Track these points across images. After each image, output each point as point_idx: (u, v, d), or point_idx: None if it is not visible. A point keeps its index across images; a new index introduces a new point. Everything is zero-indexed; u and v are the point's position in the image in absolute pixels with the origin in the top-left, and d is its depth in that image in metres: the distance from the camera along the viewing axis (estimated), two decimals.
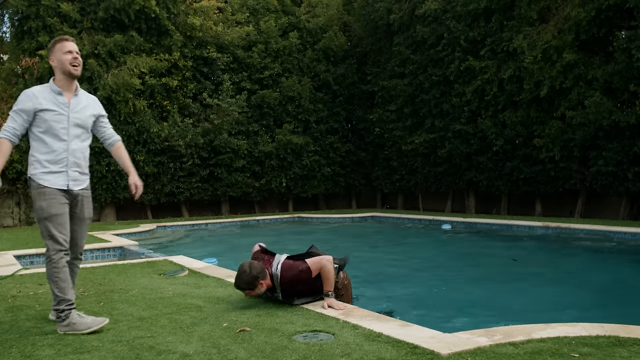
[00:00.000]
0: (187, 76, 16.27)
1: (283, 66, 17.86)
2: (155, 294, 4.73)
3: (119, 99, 14.55)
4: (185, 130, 15.72)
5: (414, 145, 16.45)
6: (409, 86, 16.69)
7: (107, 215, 15.80)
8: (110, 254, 8.66)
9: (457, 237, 11.56)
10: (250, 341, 3.25)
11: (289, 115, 17.86)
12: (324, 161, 18.41)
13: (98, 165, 14.88)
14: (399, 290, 6.37)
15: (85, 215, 3.88)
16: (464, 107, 15.01)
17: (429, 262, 8.52)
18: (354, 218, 15.66)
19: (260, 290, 4.16)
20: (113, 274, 5.84)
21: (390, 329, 3.41)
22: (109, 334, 3.48)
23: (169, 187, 16.02)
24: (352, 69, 18.90)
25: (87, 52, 14.42)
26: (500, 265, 8.04)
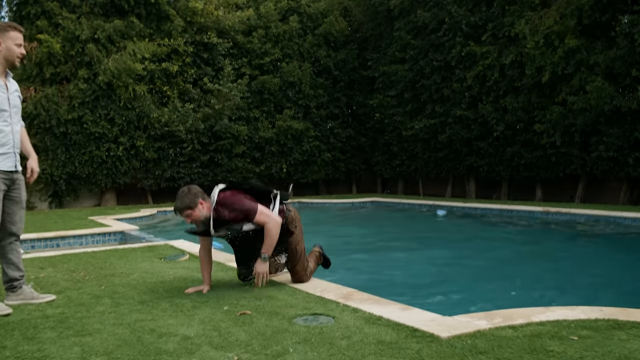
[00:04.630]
0: (187, 62, 16.19)
1: (283, 51, 17.77)
2: (156, 278, 4.74)
3: (119, 84, 14.50)
4: (186, 116, 15.68)
5: (415, 130, 16.41)
6: (410, 71, 16.62)
7: (108, 200, 15.82)
8: (111, 238, 8.68)
9: (457, 222, 11.58)
10: (250, 324, 3.26)
11: (290, 101, 17.80)
12: (324, 147, 18.37)
13: (98, 151, 14.87)
14: (399, 274, 6.39)
15: (22, 197, 3.95)
16: (464, 92, 14.95)
17: (427, 246, 8.54)
18: (355, 203, 15.68)
19: (202, 213, 3.93)
20: (114, 258, 5.86)
21: (390, 312, 3.42)
22: (110, 317, 3.49)
23: (169, 173, 16.02)
24: (353, 54, 18.80)
25: (86, 37, 14.35)
26: (498, 250, 8.06)
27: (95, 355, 2.80)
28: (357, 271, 6.58)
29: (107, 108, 14.87)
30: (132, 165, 15.56)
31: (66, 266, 5.45)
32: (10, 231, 3.90)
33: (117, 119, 14.94)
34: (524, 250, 8.00)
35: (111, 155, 15.10)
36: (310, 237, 9.30)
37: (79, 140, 14.73)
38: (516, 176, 14.59)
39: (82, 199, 15.75)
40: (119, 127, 15.06)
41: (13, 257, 3.94)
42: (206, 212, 3.98)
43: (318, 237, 9.42)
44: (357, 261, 7.32)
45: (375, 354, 2.71)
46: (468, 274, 6.38)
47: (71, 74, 14.55)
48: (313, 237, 9.33)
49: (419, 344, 2.84)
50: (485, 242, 8.76)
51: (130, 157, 15.49)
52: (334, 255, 7.69)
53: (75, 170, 14.81)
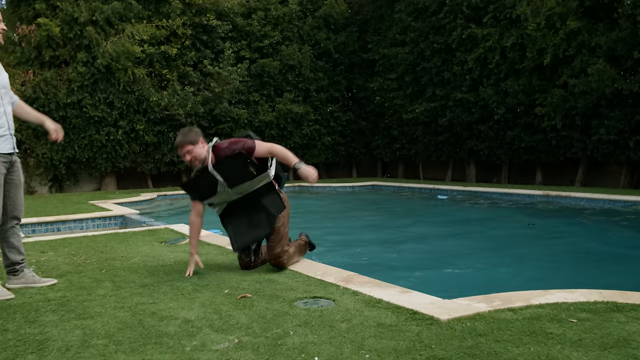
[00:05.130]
0: (186, 44, 16.10)
1: (283, 34, 17.68)
2: (157, 262, 4.76)
3: (118, 66, 14.43)
4: (185, 99, 15.63)
5: (415, 114, 16.37)
6: (410, 54, 16.54)
7: (108, 184, 15.83)
8: (112, 222, 8.69)
9: (457, 206, 11.59)
10: (251, 307, 3.28)
11: (289, 84, 17.73)
12: (325, 130, 18.34)
13: (97, 135, 14.85)
14: (399, 258, 6.41)
15: (21, 180, 3.96)
16: (465, 75, 14.90)
17: (427, 230, 8.56)
18: (355, 187, 15.68)
19: (201, 152, 4.04)
20: (115, 242, 5.87)
21: (390, 295, 3.44)
22: (111, 300, 3.51)
23: (169, 157, 16.00)
24: (353, 37, 18.69)
25: (84, 20, 14.25)
26: (499, 234, 8.08)
27: (97, 338, 2.82)
28: (357, 255, 6.61)
29: (107, 91, 14.82)
30: (132, 149, 15.55)
31: (67, 250, 5.46)
32: (13, 214, 3.91)
33: (117, 102, 14.90)
34: (524, 233, 8.02)
35: (111, 139, 15.08)
36: (310, 221, 9.37)
37: (78, 124, 14.70)
38: (516, 160, 14.58)
39: (82, 183, 15.76)
40: (118, 111, 15.03)
41: (14, 241, 3.96)
42: (204, 152, 4.08)
43: (318, 221, 9.47)
44: (358, 245, 7.34)
45: (375, 336, 2.73)
46: (468, 257, 6.40)
47: (70, 57, 14.47)
48: (313, 221, 9.41)
49: (419, 326, 2.85)
50: (486, 226, 8.78)
51: (130, 141, 15.47)
52: (334, 239, 7.76)
53: (75, 154, 14.81)
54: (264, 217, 4.19)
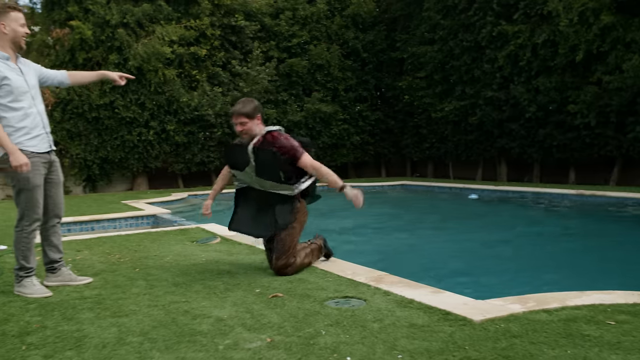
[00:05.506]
0: (215, 45, 16.24)
1: (311, 34, 17.70)
2: (189, 261, 4.81)
3: (149, 68, 14.65)
4: (215, 100, 15.77)
5: (444, 112, 16.22)
6: (439, 52, 16.39)
7: (140, 184, 16.07)
8: (144, 222, 8.79)
9: (487, 205, 11.46)
10: (282, 306, 3.29)
11: (318, 84, 17.75)
12: (353, 130, 18.30)
13: (129, 135, 15.09)
14: (430, 258, 6.37)
15: (60, 179, 4.04)
16: (495, 73, 14.70)
17: (459, 230, 8.48)
18: (384, 186, 15.61)
19: (255, 128, 4.07)
20: (147, 241, 5.94)
21: (421, 295, 3.41)
22: (145, 299, 3.56)
23: (199, 157, 16.17)
24: (381, 36, 18.61)
25: (115, 22, 14.49)
26: (531, 233, 7.96)
27: (132, 336, 2.86)
28: (387, 254, 6.58)
29: (138, 93, 15.05)
30: (163, 150, 15.75)
31: (101, 249, 5.55)
32: (54, 213, 4.00)
33: (148, 103, 15.12)
34: (557, 233, 7.88)
35: (142, 139, 15.31)
36: (340, 220, 9.37)
37: (110, 125, 14.96)
38: (549, 158, 14.33)
39: (115, 183, 16.03)
40: (149, 112, 15.25)
41: (54, 239, 4.05)
42: (258, 131, 4.09)
43: (347, 221, 9.47)
44: (387, 244, 7.32)
45: (408, 337, 2.72)
46: (500, 257, 6.32)
47: (102, 59, 14.73)
48: (342, 221, 9.40)
49: (452, 327, 2.83)
50: (517, 226, 8.65)
51: (160, 141, 15.68)
52: (363, 238, 7.75)
53: (107, 154, 15.07)
54: (268, 221, 4.15)
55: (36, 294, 3.73)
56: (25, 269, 3.80)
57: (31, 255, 3.83)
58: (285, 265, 4.10)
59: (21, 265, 3.80)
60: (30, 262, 3.81)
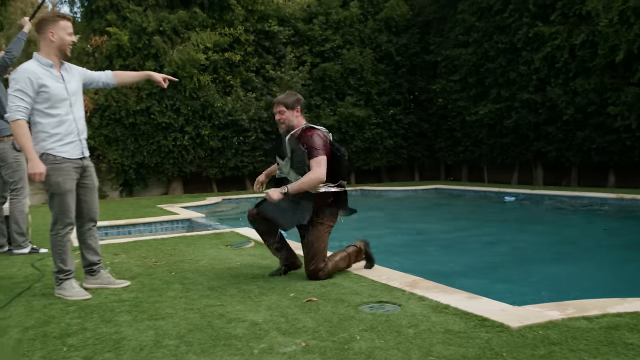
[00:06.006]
0: (249, 51, 16.39)
1: (344, 38, 17.71)
2: (224, 265, 4.86)
3: (184, 74, 14.87)
4: (249, 105, 15.91)
5: (479, 115, 16.03)
6: (474, 55, 16.22)
7: (175, 189, 16.30)
8: (179, 226, 8.88)
9: (523, 209, 11.28)
10: (317, 311, 3.30)
11: (351, 88, 17.74)
12: (386, 133, 18.23)
13: (165, 141, 15.32)
14: (465, 262, 6.29)
15: (95, 184, 4.11)
16: (532, 75, 14.45)
17: (494, 234, 8.36)
18: (417, 190, 15.51)
19: (292, 119, 4.16)
20: (182, 245, 6.02)
21: (457, 301, 3.37)
22: (181, 302, 3.61)
23: (233, 162, 16.32)
24: (415, 39, 18.50)
25: (152, 29, 14.77)
26: (569, 238, 7.79)
27: (169, 339, 2.90)
28: (422, 259, 6.53)
29: (173, 98, 15.28)
30: (198, 155, 15.95)
31: (138, 252, 5.65)
32: (89, 217, 4.09)
33: (183, 109, 15.34)
34: (596, 238, 7.70)
35: (177, 144, 15.53)
36: (372, 224, 9.35)
37: (147, 131, 15.23)
38: (587, 162, 14.01)
39: (151, 188, 16.29)
40: (184, 117, 15.47)
41: (92, 242, 4.13)
42: (295, 122, 4.19)
43: (380, 225, 9.43)
44: (422, 248, 7.27)
45: (443, 342, 2.69)
46: (537, 262, 6.21)
47: (139, 66, 15.00)
48: (374, 225, 9.38)
49: (489, 333, 2.79)
50: (555, 230, 8.49)
51: (195, 146, 15.88)
52: (397, 242, 7.71)
53: (144, 159, 15.33)
54: (290, 213, 4.11)
55: (75, 296, 3.81)
56: (64, 272, 3.89)
57: (68, 258, 3.91)
58: (316, 270, 4.09)
59: (59, 268, 3.89)
60: (67, 264, 3.90)
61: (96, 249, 4.16)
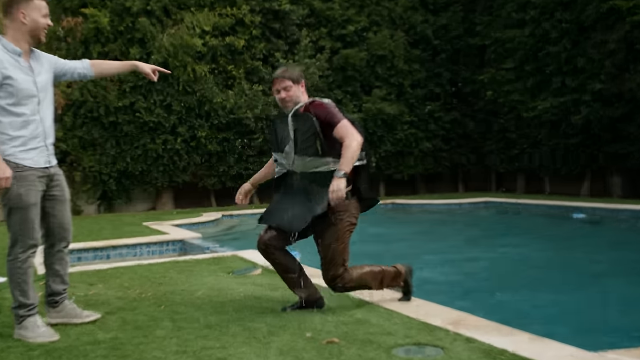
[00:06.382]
0: (255, 34, 16.46)
1: (370, 18, 17.73)
2: (224, 296, 4.83)
3: (176, 63, 14.97)
4: (255, 100, 15.95)
5: (538, 111, 15.91)
6: (531, 37, 16.13)
7: (164, 202, 16.36)
8: (170, 248, 8.84)
9: (597, 229, 11.11)
10: (340, 355, 3.24)
11: (379, 79, 17.72)
12: (423, 134, 18.17)
13: (152, 144, 15.41)
14: (523, 295, 6.20)
15: (66, 195, 4.08)
16: (604, 60, 14.31)
17: (558, 260, 8.24)
18: (463, 204, 15.40)
19: (298, 95, 4.16)
20: (174, 272, 5.99)
21: (516, 344, 3.30)
22: (172, 344, 3.57)
23: (236, 169, 16.36)
24: (457, 18, 18.46)
25: (137, 9, 14.90)
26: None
27: None
28: (468, 290, 6.45)
29: (163, 93, 15.38)
30: (193, 161, 16.01)
31: (119, 281, 5.62)
32: (60, 235, 4.05)
33: (175, 105, 15.43)
34: None
35: (168, 148, 15.61)
36: (407, 246, 9.26)
37: (131, 132, 15.33)
38: None
39: (135, 201, 16.36)
40: (177, 115, 15.55)
41: (60, 268, 4.10)
42: (301, 98, 4.19)
43: (416, 247, 9.34)
44: (468, 277, 7.19)
45: None
46: (615, 297, 6.08)
47: (121, 53, 15.12)
48: (409, 247, 9.29)
49: None
50: (636, 256, 8.34)
51: (190, 150, 15.94)
52: (437, 269, 7.62)
53: (127, 167, 15.42)
54: (303, 210, 4.07)
55: (40, 337, 3.77)
56: (26, 307, 3.83)
57: (30, 289, 3.86)
58: (333, 276, 4.07)
59: (19, 302, 3.82)
60: (29, 297, 3.85)
61: (64, 277, 4.13)
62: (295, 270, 4.27)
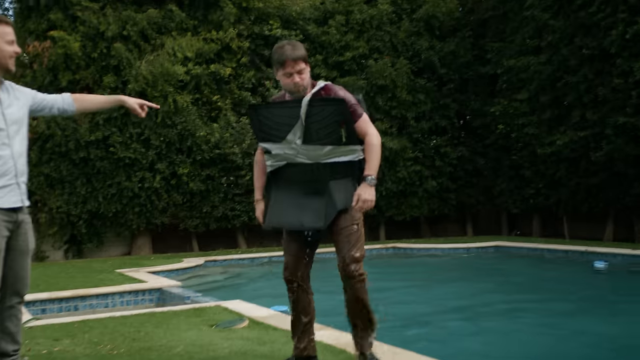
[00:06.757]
0: (242, 62, 16.54)
1: (370, 44, 17.86)
2: (207, 353, 4.76)
3: (155, 94, 14.95)
4: (242, 134, 15.95)
5: (555, 147, 15.92)
6: (548, 65, 16.22)
7: (141, 246, 16.21)
8: (146, 298, 8.81)
9: (625, 280, 11.07)
10: None
11: (379, 111, 17.75)
12: (428, 172, 18.19)
13: (128, 182, 15.32)
14: (537, 354, 6.09)
15: (30, 246, 3.95)
16: (630, 91, 14.35)
17: (580, 315, 8.14)
18: (471, 249, 15.33)
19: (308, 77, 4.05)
20: (150, 326, 5.93)
21: None
22: None
23: (221, 210, 16.26)
24: (466, 45, 18.62)
25: (112, 34, 14.93)
26: None
27: None
28: (478, 348, 6.37)
29: (141, 126, 15.32)
30: (173, 201, 15.91)
31: (87, 336, 5.53)
32: (15, 289, 3.91)
33: (154, 139, 15.36)
34: None
35: (145, 187, 15.51)
36: (408, 296, 9.13)
37: (104, 169, 15.23)
38: None
39: (108, 246, 16.21)
40: (155, 151, 15.49)
41: (11, 325, 3.94)
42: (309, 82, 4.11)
43: (418, 298, 9.22)
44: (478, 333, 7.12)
45: None
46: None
47: (94, 82, 15.12)
48: (411, 297, 9.16)
49: None
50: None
51: (170, 189, 15.86)
52: (444, 324, 7.48)
53: (99, 207, 15.29)
54: (321, 205, 4.03)
55: None
56: None
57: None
58: (357, 259, 4.00)
59: None
60: None
61: (15, 335, 3.97)
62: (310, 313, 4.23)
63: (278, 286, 4.41)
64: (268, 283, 11.27)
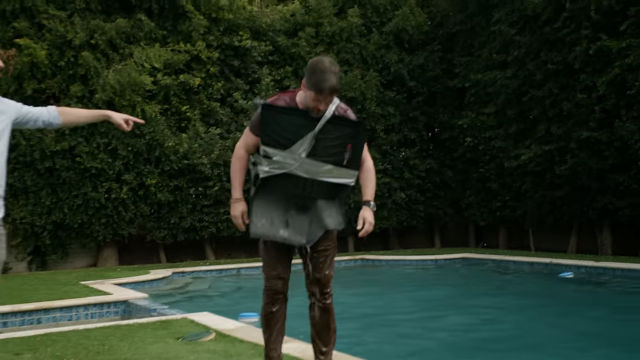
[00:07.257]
0: (212, 72, 16.49)
1: (340, 56, 17.89)
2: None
3: (123, 103, 14.84)
4: (211, 144, 15.87)
5: (521, 160, 16.07)
6: (514, 79, 16.39)
7: (107, 258, 16.03)
8: (111, 310, 8.71)
9: (586, 289, 11.14)
10: None
11: None
12: (396, 184, 18.25)
13: (94, 192, 15.14)
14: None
15: (2, 258, 3.85)
16: (594, 105, 14.53)
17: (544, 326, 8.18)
18: (438, 260, 15.44)
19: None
20: (115, 339, 5.85)
21: None
22: None
23: (189, 221, 16.15)
24: (435, 58, 18.76)
25: (80, 42, 14.80)
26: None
27: None
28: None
29: (108, 136, 15.17)
30: (140, 212, 15.77)
31: (50, 350, 5.45)
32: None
33: (121, 149, 15.22)
34: None
35: (112, 198, 15.35)
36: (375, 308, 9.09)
37: (69, 179, 15.04)
38: None
39: (73, 258, 16.01)
40: (123, 161, 15.34)
41: None
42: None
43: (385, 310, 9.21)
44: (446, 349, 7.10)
45: None
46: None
47: (60, 91, 14.95)
48: (377, 310, 9.14)
49: None
50: (632, 323, 8.30)
51: (137, 200, 15.71)
52: (406, 339, 7.47)
53: (64, 218, 15.08)
54: (308, 222, 4.07)
55: None
56: None
57: None
58: (328, 278, 4.16)
59: None
60: None
61: None
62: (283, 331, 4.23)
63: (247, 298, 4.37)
64: (235, 295, 11.23)
